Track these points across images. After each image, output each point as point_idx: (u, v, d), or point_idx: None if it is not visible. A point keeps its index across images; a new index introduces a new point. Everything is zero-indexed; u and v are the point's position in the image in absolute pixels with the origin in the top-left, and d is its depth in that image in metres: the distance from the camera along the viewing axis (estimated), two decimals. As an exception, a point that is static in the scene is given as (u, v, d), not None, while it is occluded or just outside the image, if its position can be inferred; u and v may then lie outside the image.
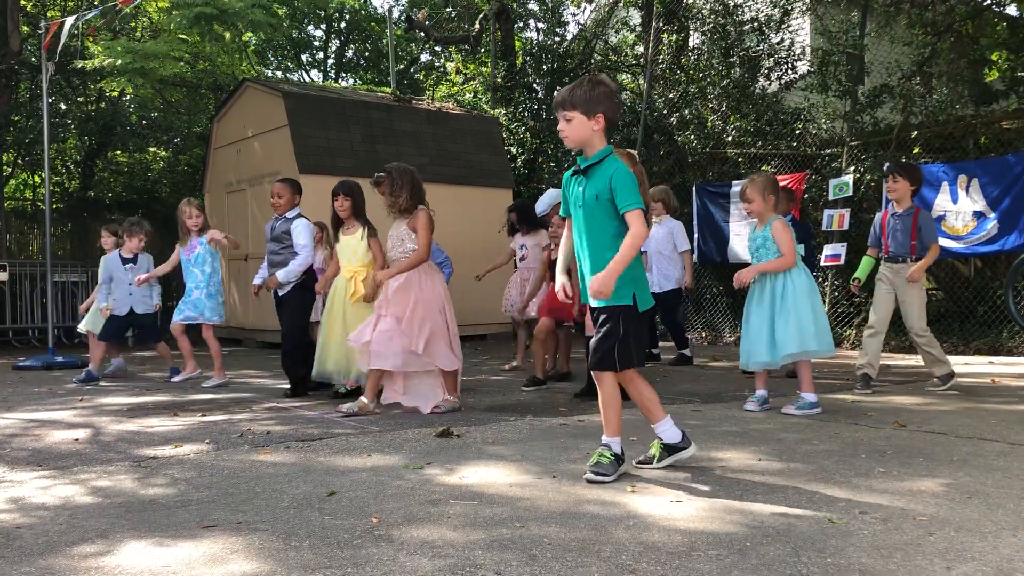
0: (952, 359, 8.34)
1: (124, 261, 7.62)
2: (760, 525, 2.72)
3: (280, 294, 6.32)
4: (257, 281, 6.64)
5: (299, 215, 6.43)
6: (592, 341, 3.51)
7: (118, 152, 16.88)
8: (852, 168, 9.80)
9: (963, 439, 4.15)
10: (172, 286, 13.46)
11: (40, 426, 4.99)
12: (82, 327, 8.18)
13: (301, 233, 6.28)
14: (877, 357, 5.99)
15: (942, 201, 8.74)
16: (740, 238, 10.32)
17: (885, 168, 7.65)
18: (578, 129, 3.39)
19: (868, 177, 9.72)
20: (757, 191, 5.08)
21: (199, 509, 3.02)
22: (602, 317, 3.46)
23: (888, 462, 3.63)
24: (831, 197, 9.70)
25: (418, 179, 5.46)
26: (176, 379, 7.29)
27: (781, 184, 10.32)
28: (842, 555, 2.42)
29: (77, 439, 4.52)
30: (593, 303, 3.49)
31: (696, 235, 10.85)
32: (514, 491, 3.22)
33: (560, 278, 3.71)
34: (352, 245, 5.91)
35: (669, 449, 3.57)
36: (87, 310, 8.19)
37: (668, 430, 3.56)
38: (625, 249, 3.31)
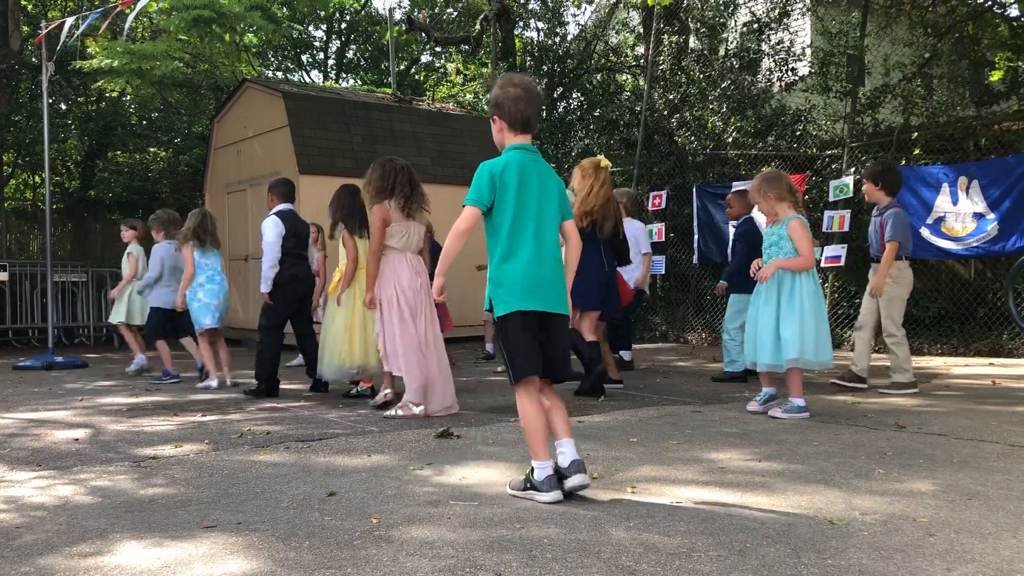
0: (952, 360, 8.37)
1: None
2: (760, 526, 2.72)
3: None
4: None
5: (273, 214, 6.32)
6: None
7: (118, 152, 16.89)
8: (853, 169, 9.79)
9: (963, 441, 4.14)
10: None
11: (40, 426, 4.99)
12: (116, 319, 8.23)
13: (266, 230, 6.18)
14: (861, 354, 6.11)
15: (942, 202, 8.74)
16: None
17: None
18: (493, 132, 3.42)
19: (869, 178, 9.72)
20: (754, 192, 5.09)
21: (199, 509, 3.02)
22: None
23: (888, 463, 3.63)
24: (831, 198, 9.70)
25: (385, 171, 5.25)
26: (169, 380, 7.33)
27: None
28: (842, 556, 2.42)
29: (77, 439, 4.52)
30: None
31: (696, 236, 10.85)
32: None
33: None
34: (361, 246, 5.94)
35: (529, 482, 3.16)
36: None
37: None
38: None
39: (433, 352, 5.24)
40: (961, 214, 8.61)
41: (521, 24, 16.61)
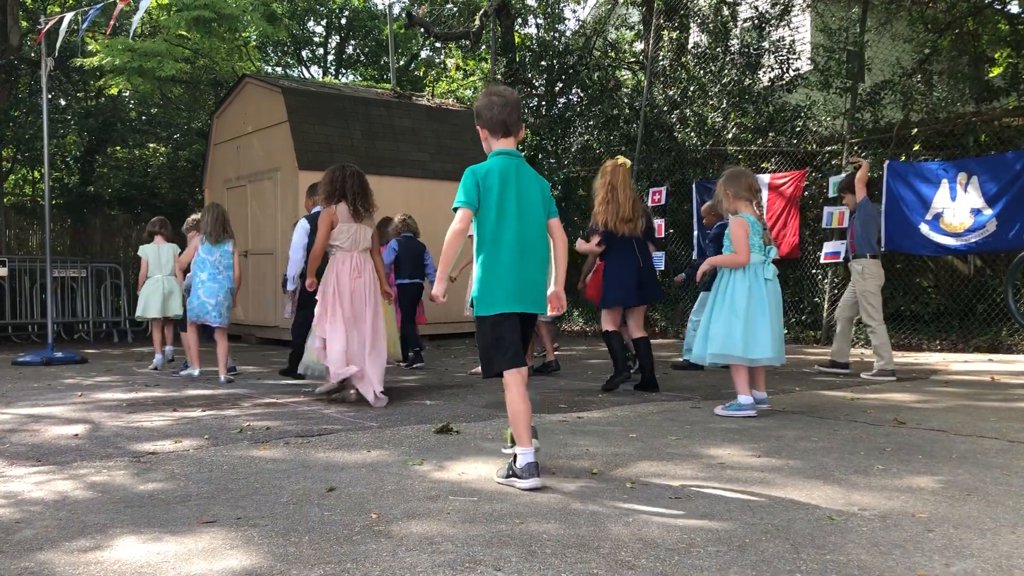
0: (951, 356, 8.38)
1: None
2: (759, 522, 2.72)
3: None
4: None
5: (305, 217, 6.86)
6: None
7: (118, 148, 16.87)
8: (852, 166, 9.79)
9: (962, 436, 4.15)
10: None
11: (39, 421, 4.99)
12: (153, 313, 8.18)
13: (295, 233, 6.77)
14: (838, 347, 6.80)
15: (941, 198, 8.73)
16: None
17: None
18: (481, 142, 3.62)
19: (868, 175, 9.71)
20: (718, 190, 5.25)
21: (198, 505, 3.02)
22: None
23: (887, 459, 3.63)
24: (831, 194, 9.69)
25: (334, 176, 5.60)
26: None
27: (778, 181, 10.37)
28: (841, 552, 2.42)
29: (76, 434, 4.52)
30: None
31: (696, 232, 10.85)
32: (513, 487, 3.21)
33: None
34: None
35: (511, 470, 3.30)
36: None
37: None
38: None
39: (369, 344, 5.49)
40: (960, 210, 8.61)
41: (520, 20, 16.60)
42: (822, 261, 9.86)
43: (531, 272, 3.41)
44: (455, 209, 3.40)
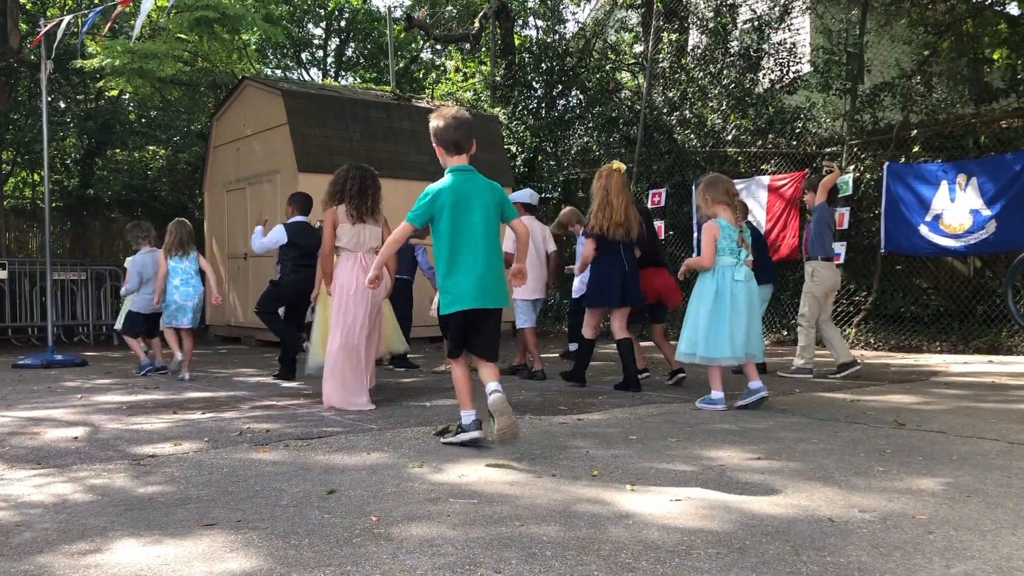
0: (951, 358, 8.37)
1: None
2: (759, 524, 2.72)
3: None
4: None
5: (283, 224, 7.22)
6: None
7: (117, 150, 16.87)
8: (852, 167, 9.79)
9: (962, 438, 4.15)
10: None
11: (38, 424, 4.99)
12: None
13: (273, 231, 7.18)
14: (837, 350, 6.88)
15: (940, 199, 8.74)
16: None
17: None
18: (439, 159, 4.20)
19: (868, 176, 9.72)
20: (698, 196, 5.48)
21: (198, 507, 3.02)
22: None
23: (887, 461, 3.63)
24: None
25: (336, 178, 5.67)
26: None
27: (778, 183, 10.38)
28: (841, 553, 2.42)
29: (75, 437, 4.52)
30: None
31: (696, 234, 10.85)
32: (513, 490, 3.21)
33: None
34: None
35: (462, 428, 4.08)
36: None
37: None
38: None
39: (360, 345, 5.48)
40: (960, 211, 8.61)
41: (520, 22, 16.60)
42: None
43: (490, 274, 3.99)
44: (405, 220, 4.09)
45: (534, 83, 14.68)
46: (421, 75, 22.57)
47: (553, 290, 8.32)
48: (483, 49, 16.81)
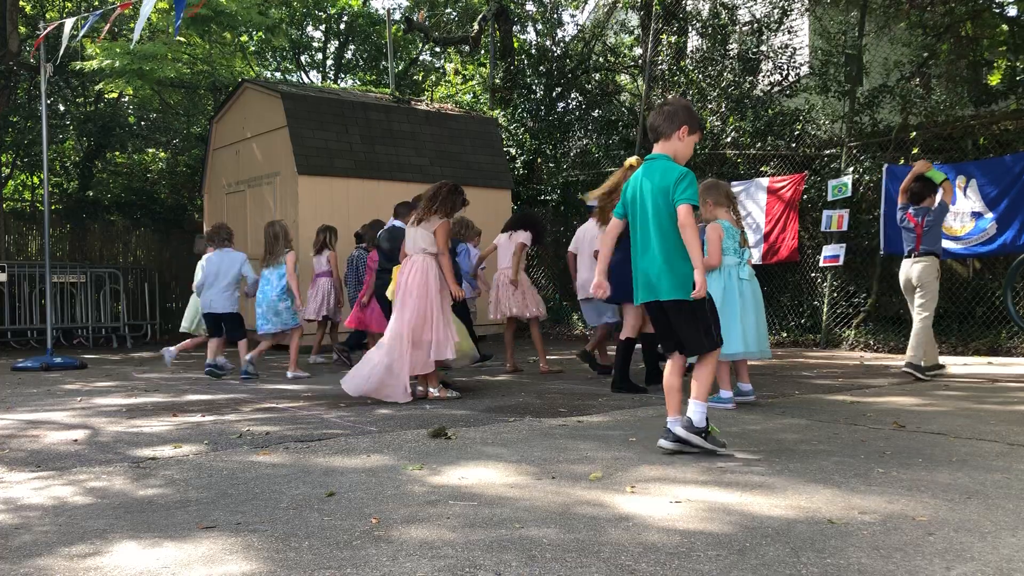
0: (951, 359, 8.37)
1: None
2: (759, 525, 2.72)
3: None
4: None
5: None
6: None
7: (117, 153, 16.88)
8: (851, 169, 9.80)
9: (962, 440, 4.15)
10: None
11: (38, 427, 4.98)
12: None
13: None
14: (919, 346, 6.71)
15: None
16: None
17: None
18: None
19: (867, 178, 9.72)
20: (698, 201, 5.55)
21: (198, 510, 3.02)
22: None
23: (887, 463, 3.63)
24: (830, 198, 9.70)
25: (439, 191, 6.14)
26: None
27: (777, 185, 10.38)
28: (841, 555, 2.42)
29: (75, 440, 4.52)
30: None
31: (695, 236, 10.85)
32: (513, 492, 3.21)
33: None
34: None
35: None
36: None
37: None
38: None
39: (407, 340, 5.89)
40: (959, 213, 8.61)
41: (519, 24, 16.61)
42: (821, 264, 9.86)
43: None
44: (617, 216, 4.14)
45: (533, 85, 14.70)
46: (420, 77, 22.59)
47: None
48: (482, 51, 16.82)
